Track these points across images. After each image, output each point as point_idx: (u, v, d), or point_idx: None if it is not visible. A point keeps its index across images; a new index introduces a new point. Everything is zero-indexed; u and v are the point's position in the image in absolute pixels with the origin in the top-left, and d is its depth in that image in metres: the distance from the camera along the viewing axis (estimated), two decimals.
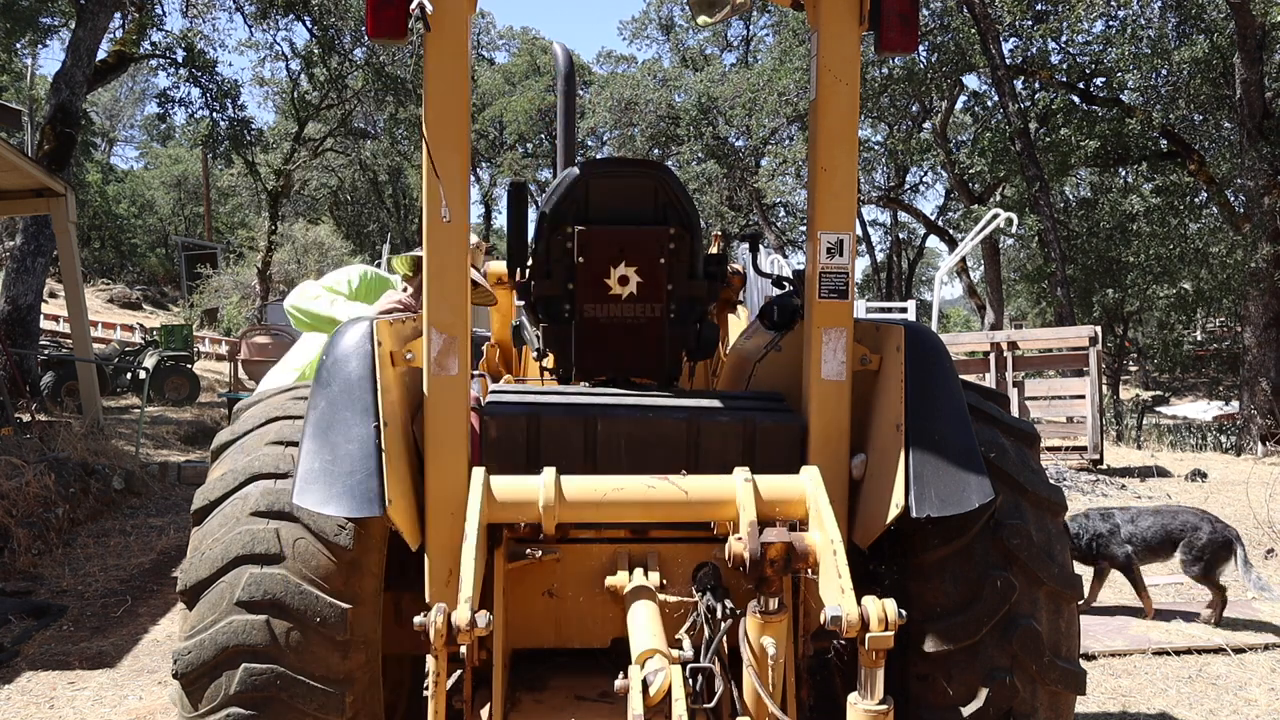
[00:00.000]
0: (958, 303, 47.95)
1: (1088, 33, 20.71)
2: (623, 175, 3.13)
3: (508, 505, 2.35)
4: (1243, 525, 7.46)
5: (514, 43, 44.89)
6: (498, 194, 43.57)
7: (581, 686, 2.54)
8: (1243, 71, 15.57)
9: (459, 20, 2.44)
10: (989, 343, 12.70)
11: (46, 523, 6.88)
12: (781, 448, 2.64)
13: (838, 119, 2.57)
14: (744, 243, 4.89)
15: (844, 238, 2.61)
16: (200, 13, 22.06)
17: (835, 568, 2.12)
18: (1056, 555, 2.51)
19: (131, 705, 4.19)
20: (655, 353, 3.10)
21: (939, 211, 35.36)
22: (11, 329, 13.58)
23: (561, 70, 4.37)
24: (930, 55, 22.66)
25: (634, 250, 3.00)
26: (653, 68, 37.52)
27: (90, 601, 5.70)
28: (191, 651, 2.30)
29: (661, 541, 2.57)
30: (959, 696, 2.41)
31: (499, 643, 2.36)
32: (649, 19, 40.34)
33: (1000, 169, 21.33)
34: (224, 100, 20.87)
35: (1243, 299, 16.61)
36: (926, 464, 2.39)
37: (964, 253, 18.26)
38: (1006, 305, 29.92)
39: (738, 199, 32.87)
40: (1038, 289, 24.83)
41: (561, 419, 2.62)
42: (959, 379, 2.57)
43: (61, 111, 14.44)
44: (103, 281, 35.12)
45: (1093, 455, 11.43)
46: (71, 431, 10.02)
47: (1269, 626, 5.23)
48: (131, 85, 47.03)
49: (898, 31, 2.52)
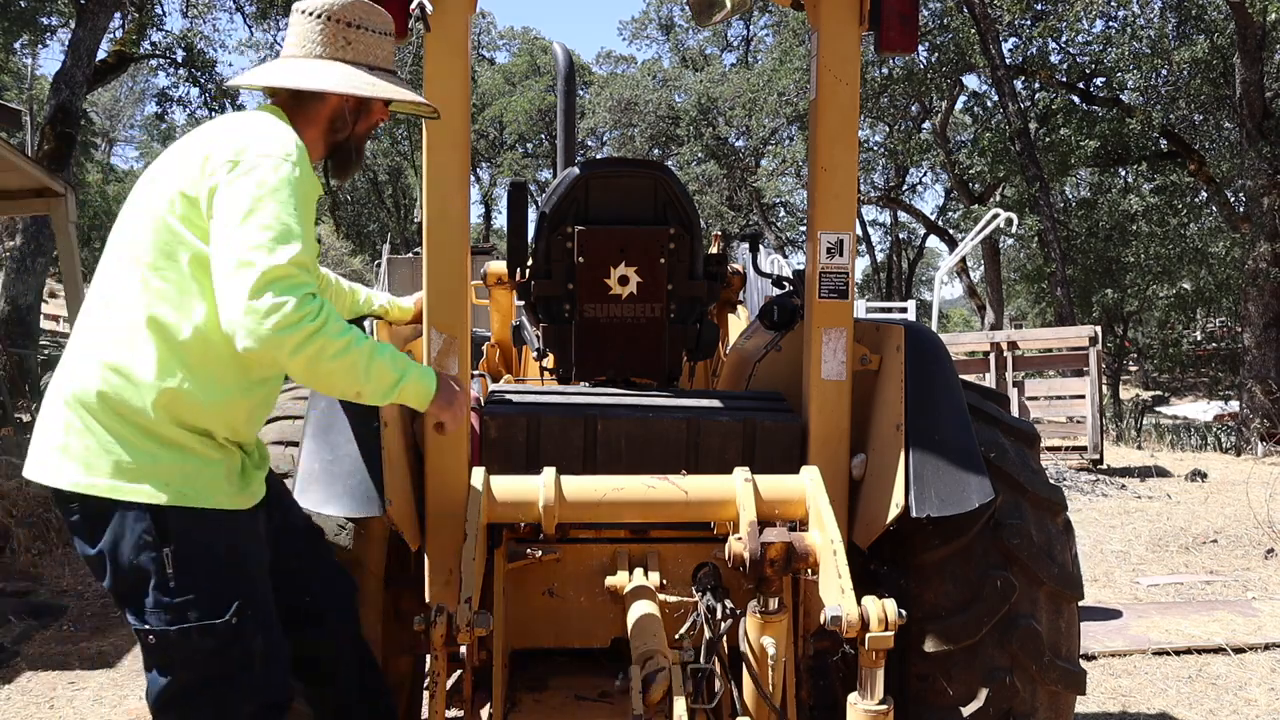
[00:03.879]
0: (958, 303, 47.96)
1: (1088, 32, 20.71)
2: (623, 175, 3.13)
3: (508, 505, 2.35)
4: (1243, 525, 7.47)
5: (514, 43, 44.87)
6: (498, 194, 43.55)
7: (581, 686, 2.55)
8: (1243, 71, 15.57)
9: (459, 20, 2.44)
10: (989, 343, 12.69)
11: (46, 523, 6.87)
12: (781, 448, 2.64)
13: (838, 119, 2.58)
14: (744, 243, 4.90)
15: (844, 238, 2.61)
16: (200, 13, 22.06)
17: (835, 568, 2.12)
18: (1056, 555, 2.51)
19: (131, 705, 4.19)
20: (655, 353, 3.10)
21: (939, 211, 35.36)
22: (11, 329, 13.57)
23: (561, 70, 4.37)
24: (930, 55, 22.66)
25: (634, 250, 3.00)
26: (653, 68, 37.53)
27: (90, 601, 5.70)
28: None
29: (661, 541, 2.58)
30: (959, 696, 2.41)
31: (499, 643, 2.37)
32: (649, 19, 40.32)
33: (1000, 169, 21.33)
34: (224, 100, 20.87)
35: (1242, 299, 16.61)
36: (926, 464, 2.40)
37: (964, 253, 18.28)
38: (1006, 305, 29.95)
39: (738, 199, 32.88)
40: (1038, 289, 24.85)
41: (561, 419, 2.62)
42: (959, 379, 2.57)
43: (61, 111, 14.43)
44: None
45: (1093, 455, 11.42)
46: None
47: (1269, 626, 5.23)
48: (131, 85, 46.98)
49: (898, 31, 2.52)
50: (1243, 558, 6.83)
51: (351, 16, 2.04)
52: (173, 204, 1.89)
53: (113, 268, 1.95)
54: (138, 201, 1.98)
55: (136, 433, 1.87)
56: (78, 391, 1.88)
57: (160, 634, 1.86)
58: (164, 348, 1.88)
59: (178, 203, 1.89)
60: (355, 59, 2.06)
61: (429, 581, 2.47)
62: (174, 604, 1.87)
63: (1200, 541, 7.27)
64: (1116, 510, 8.69)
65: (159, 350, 1.88)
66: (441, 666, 2.09)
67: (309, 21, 2.05)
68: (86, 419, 1.87)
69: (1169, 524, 7.96)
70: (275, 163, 1.86)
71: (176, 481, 1.88)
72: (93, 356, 1.89)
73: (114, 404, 1.86)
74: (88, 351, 1.90)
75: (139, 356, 1.87)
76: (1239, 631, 5.13)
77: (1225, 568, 6.62)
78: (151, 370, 1.87)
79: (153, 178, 1.99)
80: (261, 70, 2.11)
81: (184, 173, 1.91)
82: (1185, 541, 7.29)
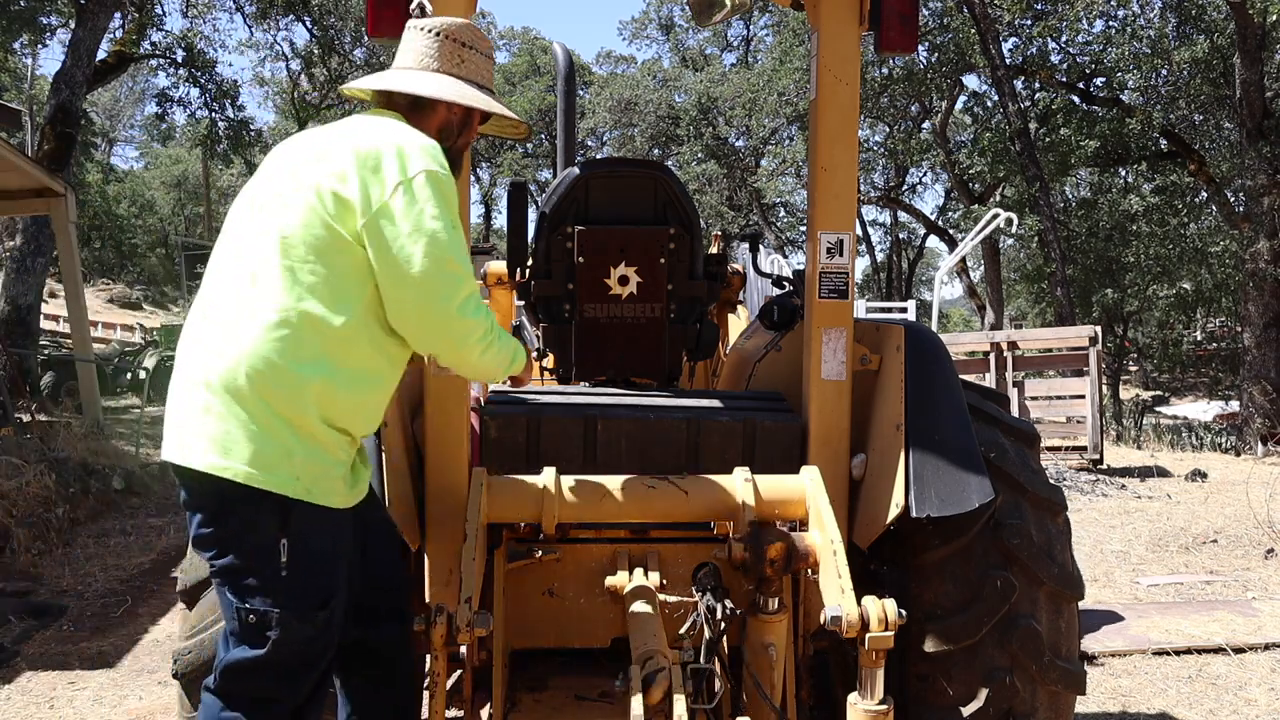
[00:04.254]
0: (958, 303, 47.97)
1: (1088, 32, 20.71)
2: (623, 175, 3.13)
3: (508, 505, 2.35)
4: (1243, 525, 7.47)
5: (514, 43, 44.87)
6: (498, 194, 43.53)
7: (581, 686, 2.54)
8: (1243, 71, 15.56)
9: None
10: (989, 343, 12.68)
11: (46, 523, 6.88)
12: (781, 448, 2.64)
13: (838, 119, 2.57)
14: (744, 243, 4.89)
15: (844, 238, 2.61)
16: (200, 13, 22.07)
17: (835, 568, 2.12)
18: (1056, 555, 2.51)
19: (131, 705, 4.19)
20: (655, 353, 3.10)
21: (939, 211, 35.35)
22: (11, 329, 13.57)
23: (561, 70, 4.36)
24: (930, 55, 22.65)
25: (634, 250, 3.00)
26: (653, 68, 37.53)
27: (90, 601, 5.70)
28: (191, 651, 2.30)
29: (661, 541, 2.58)
30: (959, 696, 2.41)
31: (499, 643, 2.37)
32: (649, 19, 40.32)
33: (1000, 169, 21.32)
34: (223, 100, 20.88)
35: (1242, 299, 16.60)
36: (926, 464, 2.40)
37: (964, 253, 18.28)
38: (1006, 305, 29.94)
39: (738, 199, 32.88)
40: (1038, 289, 24.85)
41: (561, 419, 2.62)
42: (959, 379, 2.57)
43: (61, 111, 14.43)
44: (103, 281, 35.15)
45: (1093, 455, 11.42)
46: (71, 431, 10.01)
47: (1269, 626, 5.23)
48: (131, 85, 46.99)
49: (898, 31, 2.52)
50: (1243, 558, 6.83)
51: (465, 37, 2.20)
52: (324, 201, 1.95)
53: (257, 251, 1.97)
54: (278, 190, 2.02)
55: (280, 424, 1.91)
56: (224, 376, 1.90)
57: (262, 615, 1.93)
58: (317, 342, 1.93)
59: (329, 201, 1.95)
60: (466, 75, 2.20)
61: (429, 581, 2.47)
62: (280, 591, 1.94)
63: (1200, 541, 7.27)
64: (1116, 510, 8.69)
65: (312, 344, 1.93)
66: (441, 666, 2.09)
67: (426, 38, 2.19)
68: (230, 404, 1.90)
69: (1169, 524, 7.96)
70: (443, 177, 2.00)
71: (306, 479, 1.94)
72: (243, 343, 1.91)
73: (263, 393, 1.90)
74: (236, 337, 1.92)
75: (293, 349, 1.91)
76: (1239, 631, 5.13)
77: (1225, 568, 6.62)
78: (306, 363, 1.92)
79: (289, 169, 2.03)
80: (386, 76, 2.20)
81: (334, 172, 1.97)
82: (1185, 541, 7.29)
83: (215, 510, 1.94)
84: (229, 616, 1.98)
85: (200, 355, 1.96)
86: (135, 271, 38.87)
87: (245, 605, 1.94)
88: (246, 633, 1.96)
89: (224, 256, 2.02)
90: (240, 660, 1.97)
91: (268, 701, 2.00)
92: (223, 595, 1.98)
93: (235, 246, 2.02)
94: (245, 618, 1.95)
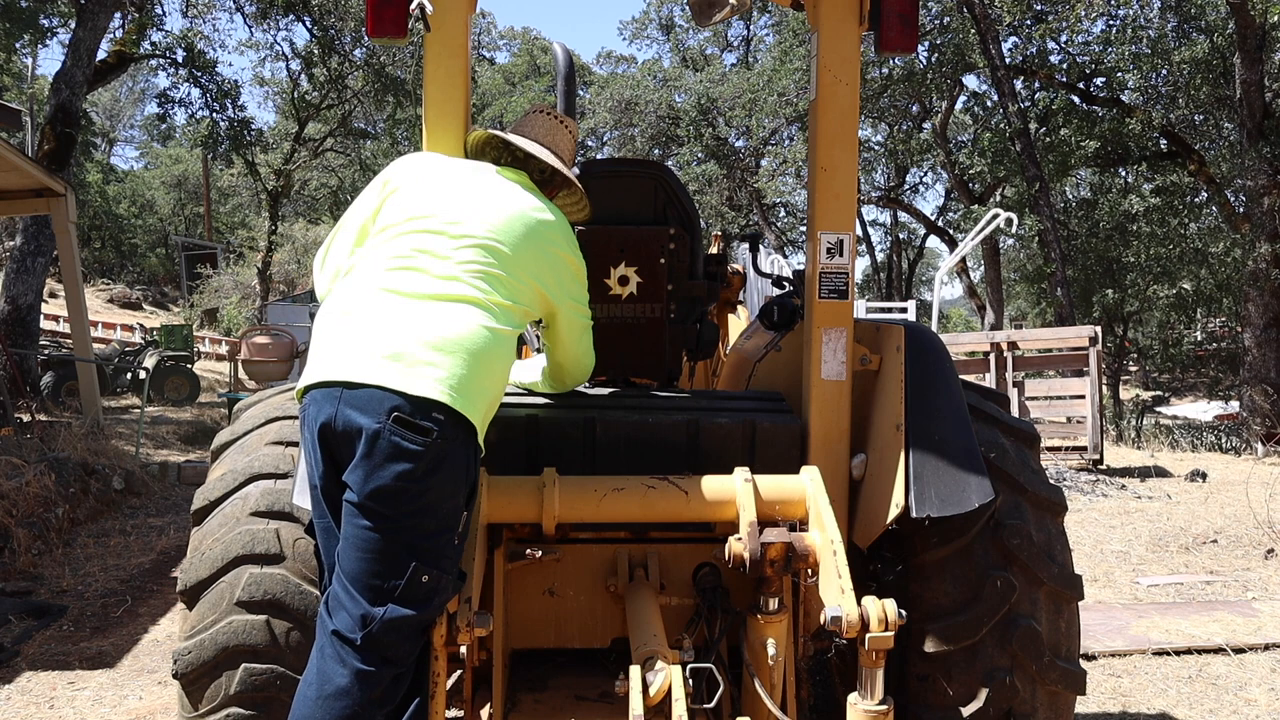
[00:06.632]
0: (958, 303, 47.96)
1: (1088, 33, 20.70)
2: (622, 175, 3.12)
3: (508, 505, 2.35)
4: (1243, 525, 7.47)
5: (514, 43, 44.90)
6: None
7: (581, 686, 2.54)
8: (1243, 71, 15.56)
9: (459, 20, 2.44)
10: (989, 343, 12.69)
11: (46, 523, 6.88)
12: (781, 448, 2.64)
13: (838, 119, 2.57)
14: (744, 243, 4.89)
15: (844, 238, 2.61)
16: (200, 13, 22.06)
17: (835, 568, 2.12)
18: (1056, 555, 2.51)
19: (131, 705, 4.19)
20: (655, 353, 3.10)
21: (939, 212, 35.35)
22: (11, 329, 13.57)
23: (561, 70, 4.35)
24: (930, 55, 22.65)
25: (634, 250, 3.00)
26: (653, 68, 37.50)
27: (90, 601, 5.70)
28: (191, 651, 2.30)
29: (661, 542, 2.57)
30: (959, 696, 2.41)
31: (499, 643, 2.36)
32: (649, 19, 40.32)
33: (1000, 169, 21.31)
34: (224, 100, 20.85)
35: (1242, 299, 16.60)
36: (926, 464, 2.39)
37: (964, 253, 18.26)
38: (1006, 305, 29.93)
39: (738, 199, 32.86)
40: (1038, 289, 24.84)
41: (561, 419, 2.62)
42: (959, 379, 2.57)
43: (61, 111, 14.43)
44: (103, 281, 35.15)
45: (1093, 455, 11.42)
46: (71, 431, 10.01)
47: (1269, 626, 5.23)
48: (131, 85, 47.03)
49: (898, 31, 2.52)
50: (1243, 558, 6.83)
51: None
52: (525, 236, 2.27)
53: (479, 242, 2.20)
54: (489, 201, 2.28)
55: (487, 399, 2.13)
56: (463, 337, 2.09)
57: (437, 579, 2.02)
58: (511, 339, 2.21)
59: (521, 238, 2.26)
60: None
61: None
62: (454, 558, 2.08)
63: (1200, 541, 7.27)
64: (1116, 510, 8.69)
65: (507, 339, 2.19)
66: (441, 666, 2.09)
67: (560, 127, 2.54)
68: (467, 359, 2.08)
69: (1169, 524, 7.97)
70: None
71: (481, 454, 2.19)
72: (481, 314, 2.14)
73: (489, 365, 2.12)
74: (474, 306, 2.14)
75: (505, 338, 2.17)
76: (1239, 631, 5.13)
77: (1225, 568, 6.62)
78: (505, 352, 2.17)
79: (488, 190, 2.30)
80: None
81: (525, 215, 2.29)
82: (1185, 541, 7.30)
83: (443, 444, 2.09)
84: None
85: (435, 311, 2.17)
86: (135, 271, 38.89)
87: (428, 569, 2.05)
88: (414, 593, 2.04)
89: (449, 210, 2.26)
90: (395, 618, 2.03)
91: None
92: (407, 563, 2.04)
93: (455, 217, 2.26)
94: (420, 579, 2.04)
